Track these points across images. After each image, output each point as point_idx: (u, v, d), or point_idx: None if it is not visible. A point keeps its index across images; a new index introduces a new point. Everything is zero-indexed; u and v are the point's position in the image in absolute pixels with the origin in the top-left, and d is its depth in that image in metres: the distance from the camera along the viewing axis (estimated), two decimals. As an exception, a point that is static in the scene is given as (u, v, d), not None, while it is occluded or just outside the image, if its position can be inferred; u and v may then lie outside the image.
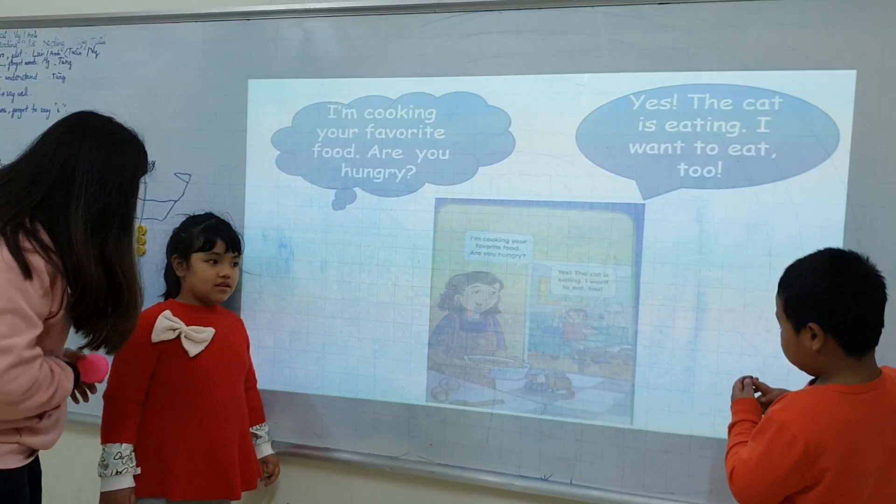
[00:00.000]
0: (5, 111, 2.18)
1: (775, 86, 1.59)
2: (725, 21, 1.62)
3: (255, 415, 1.90)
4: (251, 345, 1.93)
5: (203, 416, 1.72)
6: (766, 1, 1.59)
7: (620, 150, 1.69)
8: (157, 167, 1.97)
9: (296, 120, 1.92)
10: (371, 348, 1.88)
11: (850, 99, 1.55)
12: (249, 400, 1.88)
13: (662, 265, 1.67)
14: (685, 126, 1.65)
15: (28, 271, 1.21)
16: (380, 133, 1.85)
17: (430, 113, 1.81)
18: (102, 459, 1.64)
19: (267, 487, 1.95)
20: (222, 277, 1.79)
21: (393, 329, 1.85)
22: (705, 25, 1.63)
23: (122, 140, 1.39)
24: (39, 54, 2.14)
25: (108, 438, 1.65)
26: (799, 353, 1.31)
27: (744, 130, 1.61)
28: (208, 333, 1.75)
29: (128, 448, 1.65)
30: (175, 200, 2.01)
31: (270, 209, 1.94)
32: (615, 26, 1.68)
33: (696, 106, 1.64)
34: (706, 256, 1.64)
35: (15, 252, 1.21)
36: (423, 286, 1.83)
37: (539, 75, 1.74)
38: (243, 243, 1.89)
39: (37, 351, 1.22)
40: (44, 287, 1.23)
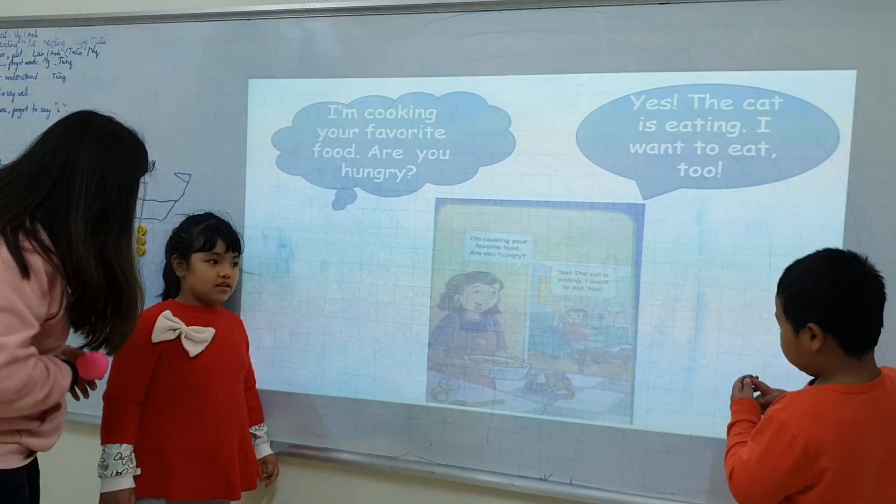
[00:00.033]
0: (5, 111, 2.18)
1: (775, 86, 1.59)
2: (725, 21, 1.62)
3: (254, 415, 1.90)
4: (251, 345, 1.93)
5: (203, 417, 1.72)
6: (767, 1, 1.59)
7: (620, 150, 1.69)
8: (158, 167, 1.97)
9: (296, 120, 1.92)
10: (371, 348, 1.88)
11: (850, 99, 1.55)
12: (248, 400, 1.88)
13: (662, 265, 1.67)
14: (685, 126, 1.65)
15: (26, 271, 1.20)
16: (380, 133, 1.85)
17: (431, 113, 1.81)
18: (102, 460, 1.64)
19: (267, 488, 1.95)
20: (223, 277, 1.79)
21: (393, 329, 1.85)
22: (705, 25, 1.63)
23: (123, 140, 1.38)
24: (40, 54, 2.14)
25: (108, 439, 1.65)
26: (799, 354, 1.31)
27: (744, 130, 1.61)
28: (208, 333, 1.75)
29: (128, 448, 1.65)
30: (175, 200, 2.01)
31: (270, 209, 1.94)
32: (615, 26, 1.68)
33: (697, 106, 1.64)
34: (706, 256, 1.65)
35: (14, 251, 1.21)
36: (424, 286, 1.83)
37: (539, 75, 1.74)
38: (243, 243, 1.89)
39: (31, 350, 1.22)
40: (41, 287, 1.22)
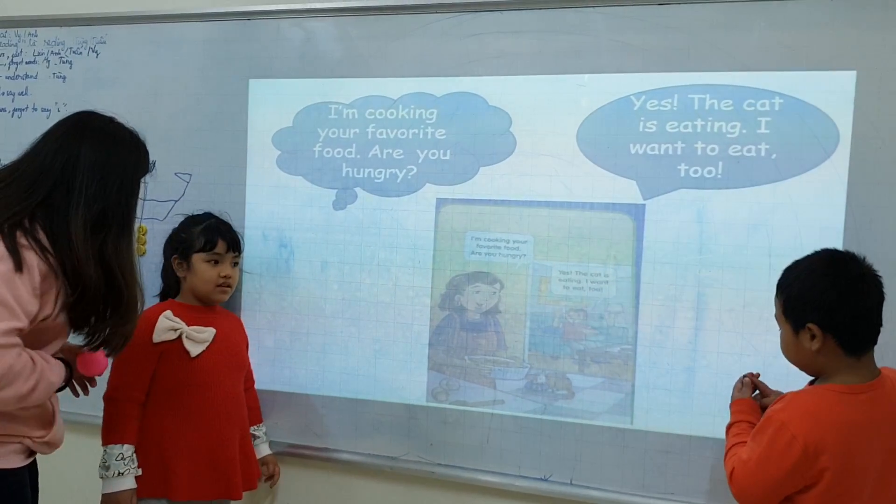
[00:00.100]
0: (6, 111, 2.17)
1: (775, 86, 1.60)
2: (725, 22, 1.62)
3: (253, 415, 1.90)
4: (251, 345, 1.93)
5: (204, 417, 1.72)
6: (767, 1, 1.60)
7: (621, 151, 1.69)
8: (158, 167, 1.97)
9: (297, 120, 1.92)
10: (371, 348, 1.88)
11: (850, 100, 1.55)
12: (247, 400, 1.87)
13: (662, 265, 1.67)
14: (685, 126, 1.65)
15: (20, 265, 1.19)
16: (381, 133, 1.85)
17: (431, 113, 1.81)
18: (104, 461, 1.64)
19: (271, 487, 1.95)
20: (223, 277, 1.79)
21: (393, 329, 1.86)
22: (705, 26, 1.63)
23: (123, 140, 1.38)
24: (40, 54, 2.14)
25: (110, 439, 1.65)
26: (798, 354, 1.32)
27: (744, 131, 1.62)
28: (209, 333, 1.75)
29: (129, 449, 1.65)
30: (175, 200, 2.01)
31: (271, 209, 1.94)
32: (616, 27, 1.69)
33: (697, 106, 1.64)
34: (706, 257, 1.65)
35: (10, 246, 1.20)
36: (424, 286, 1.83)
37: (540, 76, 1.74)
38: (243, 243, 1.89)
39: (14, 339, 1.19)
40: (33, 283, 1.21)
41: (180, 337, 1.71)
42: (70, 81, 2.11)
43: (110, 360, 1.47)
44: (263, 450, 1.91)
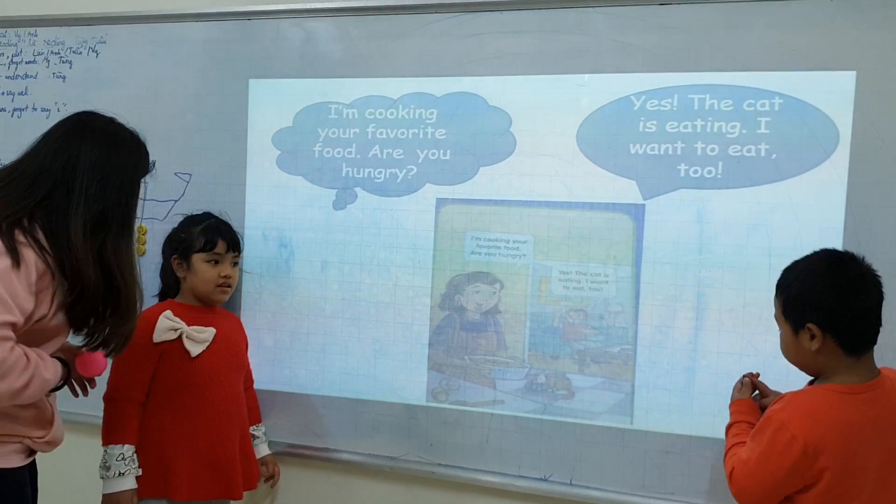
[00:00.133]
0: (5, 110, 2.17)
1: (775, 86, 1.60)
2: (725, 22, 1.62)
3: (252, 415, 1.89)
4: (251, 345, 1.93)
5: (204, 416, 1.72)
6: (767, 2, 1.60)
7: (621, 151, 1.69)
8: (158, 167, 1.96)
9: (297, 120, 1.92)
10: (371, 348, 1.88)
11: (850, 100, 1.55)
12: (247, 400, 1.87)
13: (662, 265, 1.67)
14: (685, 126, 1.65)
15: (17, 261, 1.19)
16: (381, 133, 1.86)
17: (431, 113, 1.82)
18: (104, 461, 1.63)
19: (272, 487, 1.95)
20: (224, 277, 1.78)
21: (393, 329, 1.86)
22: (705, 26, 1.64)
23: (124, 141, 1.38)
24: (40, 53, 2.14)
25: (110, 440, 1.64)
26: (798, 354, 1.32)
27: (744, 131, 1.62)
28: (209, 333, 1.75)
29: (130, 449, 1.64)
30: (175, 200, 2.01)
31: (271, 209, 1.94)
32: (616, 27, 1.69)
33: (697, 106, 1.64)
34: (706, 257, 1.65)
35: (7, 242, 1.20)
36: (424, 286, 1.83)
37: (540, 76, 1.74)
38: (243, 242, 1.89)
39: (7, 333, 1.18)
40: (29, 280, 1.21)
41: (180, 337, 1.71)
42: (70, 81, 2.11)
43: (109, 361, 1.47)
44: (263, 450, 1.91)
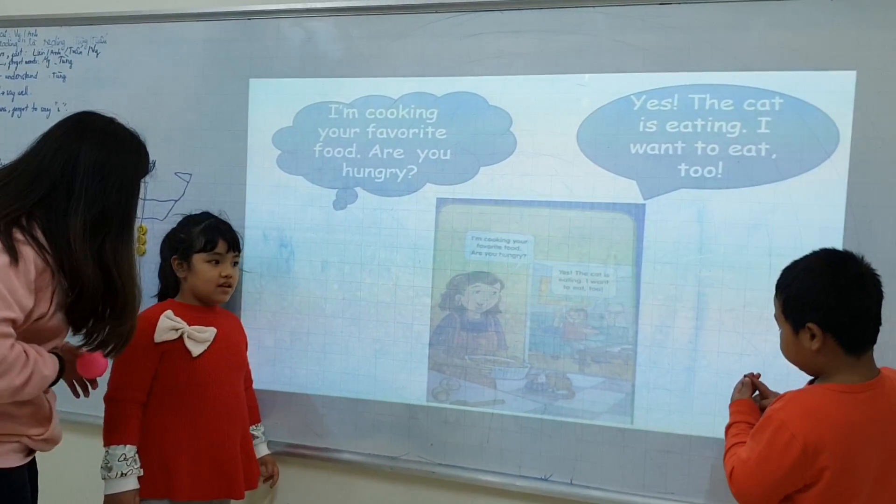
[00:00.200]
0: (5, 110, 2.17)
1: (776, 86, 1.60)
2: (726, 22, 1.62)
3: (252, 415, 1.89)
4: (251, 345, 1.92)
5: (206, 416, 1.72)
6: (767, 1, 1.60)
7: (621, 151, 1.69)
8: (158, 167, 1.97)
9: (297, 119, 1.92)
10: (372, 348, 1.88)
11: (850, 100, 1.55)
12: (246, 400, 1.87)
13: (663, 265, 1.67)
14: (686, 126, 1.65)
15: (15, 259, 1.19)
16: (381, 133, 1.86)
17: (432, 113, 1.82)
18: (106, 462, 1.63)
19: (271, 487, 1.95)
20: (224, 277, 1.78)
21: (394, 329, 1.86)
22: (706, 26, 1.64)
23: (123, 141, 1.38)
24: (40, 53, 2.14)
25: (112, 440, 1.64)
26: (798, 354, 1.32)
27: (744, 131, 1.62)
28: (210, 333, 1.74)
29: (132, 449, 1.64)
30: (176, 200, 2.01)
31: (271, 209, 1.94)
32: (616, 27, 1.69)
33: (697, 106, 1.64)
34: (706, 256, 1.65)
35: (5, 240, 1.20)
36: (424, 286, 1.83)
37: (540, 75, 1.74)
38: (242, 242, 1.88)
39: (7, 329, 1.18)
40: (28, 277, 1.21)
41: (182, 337, 1.70)
42: (70, 81, 2.11)
43: (110, 362, 1.47)
44: (262, 450, 1.90)
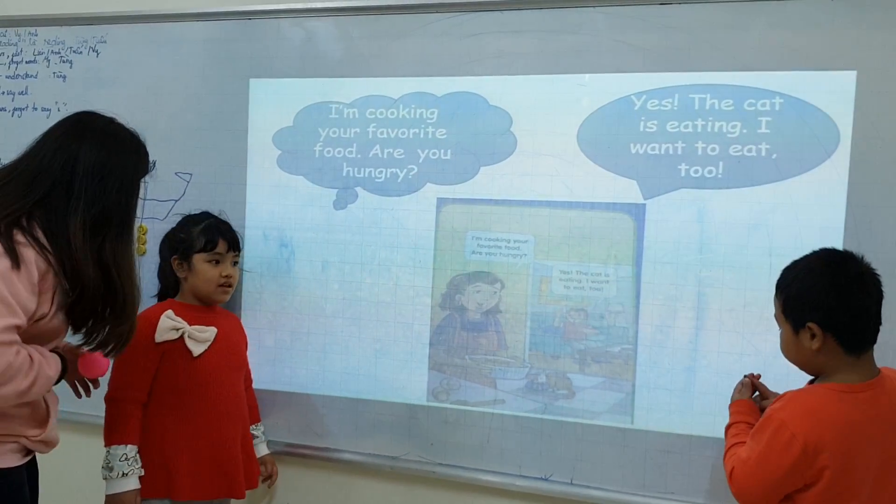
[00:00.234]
0: (6, 110, 2.17)
1: (776, 86, 1.60)
2: (726, 22, 1.62)
3: (251, 414, 1.89)
4: (251, 344, 1.92)
5: (206, 416, 1.72)
6: (767, 2, 1.60)
7: (621, 151, 1.69)
8: (158, 166, 1.98)
9: (297, 119, 1.92)
10: (372, 348, 1.88)
11: (851, 100, 1.56)
12: (246, 399, 1.87)
13: (663, 265, 1.67)
14: (686, 126, 1.65)
15: (17, 262, 1.19)
16: (381, 133, 1.86)
17: (432, 113, 1.82)
18: (107, 462, 1.63)
19: (269, 487, 1.95)
20: (225, 277, 1.78)
21: (394, 329, 1.86)
22: (706, 26, 1.64)
23: (123, 141, 1.38)
24: (40, 53, 2.14)
25: (113, 440, 1.63)
26: (798, 353, 1.32)
27: (744, 131, 1.62)
28: (211, 333, 1.74)
29: (133, 449, 1.64)
30: (176, 200, 2.01)
31: (271, 209, 1.94)
32: (616, 27, 1.69)
33: (697, 106, 1.65)
34: (707, 256, 1.65)
35: (6, 243, 1.20)
36: (425, 286, 1.83)
37: (540, 75, 1.74)
38: (242, 241, 1.88)
39: (13, 337, 1.19)
40: (31, 280, 1.21)
41: (182, 336, 1.70)
42: (70, 81, 2.11)
43: (111, 362, 1.47)
44: (262, 449, 1.90)
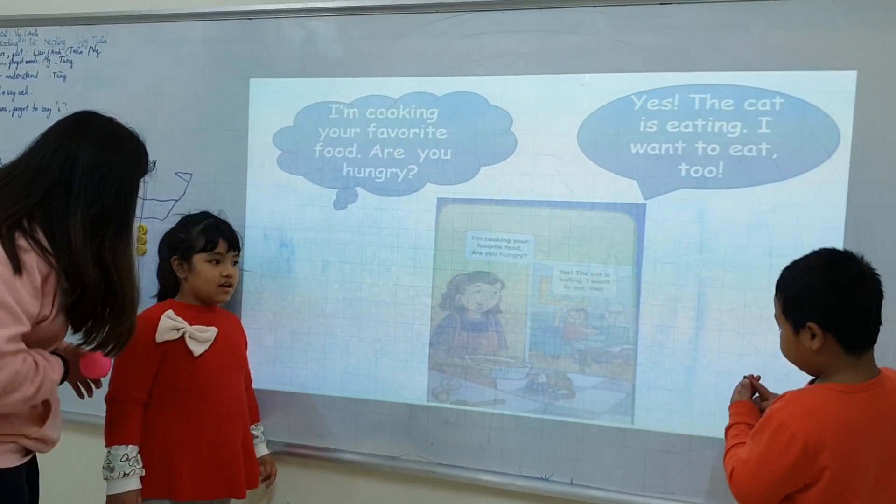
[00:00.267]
0: (6, 110, 2.17)
1: (776, 86, 1.60)
2: (726, 21, 1.62)
3: (251, 414, 1.89)
4: (251, 344, 1.92)
5: (207, 416, 1.72)
6: (767, 1, 1.60)
7: (622, 151, 1.69)
8: (159, 166, 1.98)
9: (297, 119, 1.92)
10: (372, 348, 1.88)
11: (851, 100, 1.56)
12: (247, 399, 1.87)
13: (663, 265, 1.67)
14: (686, 126, 1.65)
15: (19, 268, 1.20)
16: (382, 133, 1.86)
17: (432, 113, 1.82)
18: (108, 462, 1.62)
19: (267, 488, 1.95)
20: (226, 277, 1.78)
21: (394, 329, 1.86)
22: (706, 26, 1.64)
23: (122, 141, 1.38)
24: (40, 53, 2.14)
25: (114, 440, 1.63)
26: (799, 353, 1.32)
27: (745, 131, 1.62)
28: (212, 333, 1.74)
29: (134, 450, 1.63)
30: (176, 200, 2.01)
31: (272, 209, 1.94)
32: (616, 26, 1.69)
33: (698, 106, 1.65)
34: (707, 256, 1.65)
35: (8, 248, 1.20)
36: (425, 286, 1.83)
37: (541, 75, 1.74)
38: (242, 241, 1.88)
39: (19, 345, 1.20)
40: (34, 285, 1.21)
41: (183, 337, 1.70)
42: (70, 81, 2.11)
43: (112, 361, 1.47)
44: (261, 449, 1.90)
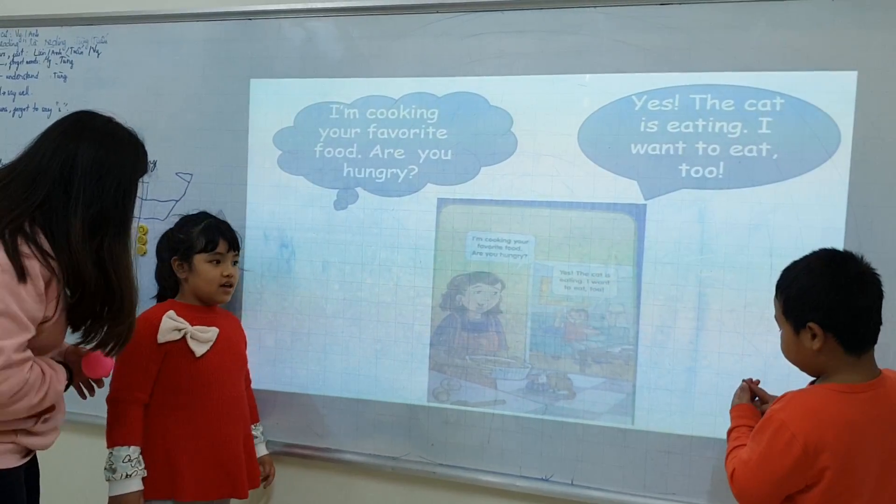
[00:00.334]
0: (6, 110, 2.17)
1: (777, 86, 1.60)
2: (727, 22, 1.62)
3: (251, 414, 1.89)
4: (251, 344, 1.92)
5: (209, 416, 1.72)
6: (767, 2, 1.60)
7: (622, 151, 1.69)
8: (159, 167, 1.98)
9: (298, 120, 1.92)
10: (372, 348, 1.88)
11: (851, 100, 1.56)
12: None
13: (664, 265, 1.67)
14: (687, 126, 1.65)
15: (23, 275, 1.20)
16: (382, 133, 1.86)
17: (433, 113, 1.82)
18: (110, 463, 1.62)
19: (266, 488, 1.95)
20: (226, 277, 1.78)
21: (394, 329, 1.86)
22: (707, 26, 1.64)
23: (122, 140, 1.38)
24: (41, 53, 2.14)
25: (116, 441, 1.63)
26: (799, 354, 1.32)
27: (745, 131, 1.62)
28: (213, 333, 1.74)
29: (135, 450, 1.63)
30: (176, 200, 2.01)
31: (272, 209, 1.94)
32: (617, 27, 1.69)
33: (698, 106, 1.64)
34: (707, 257, 1.65)
35: (12, 255, 1.21)
36: (425, 286, 1.83)
37: (541, 76, 1.74)
38: (242, 242, 1.88)
39: (26, 354, 1.22)
40: (38, 291, 1.22)
41: (184, 337, 1.70)
42: (71, 81, 2.11)
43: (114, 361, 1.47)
44: (261, 450, 1.90)
